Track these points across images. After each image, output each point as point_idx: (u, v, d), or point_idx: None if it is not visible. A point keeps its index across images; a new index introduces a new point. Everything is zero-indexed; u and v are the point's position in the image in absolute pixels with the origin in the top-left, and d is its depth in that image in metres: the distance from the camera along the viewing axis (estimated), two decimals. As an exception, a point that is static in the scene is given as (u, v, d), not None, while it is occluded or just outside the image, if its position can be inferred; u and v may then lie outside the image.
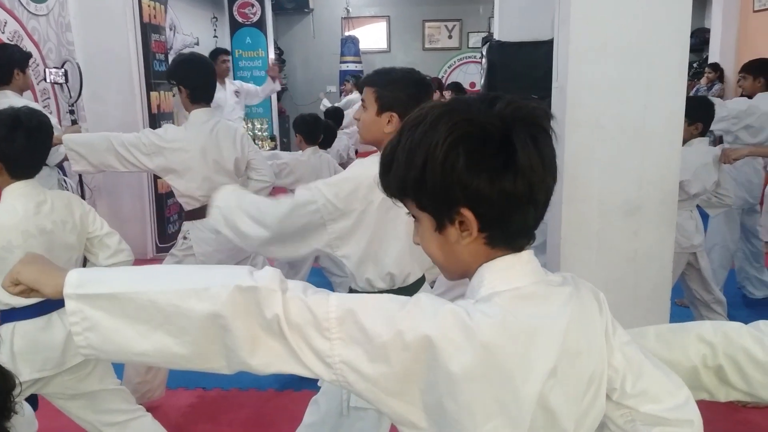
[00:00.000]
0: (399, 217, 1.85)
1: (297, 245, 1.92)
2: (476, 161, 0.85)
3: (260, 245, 1.96)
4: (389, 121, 1.86)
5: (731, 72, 7.85)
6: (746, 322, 1.17)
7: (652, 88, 2.34)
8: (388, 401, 0.87)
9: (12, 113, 1.96)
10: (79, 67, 4.67)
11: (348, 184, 1.83)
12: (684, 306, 3.74)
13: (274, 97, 8.95)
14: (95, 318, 0.91)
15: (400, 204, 0.97)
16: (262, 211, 1.94)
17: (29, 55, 3.87)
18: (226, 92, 5.89)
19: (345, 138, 5.71)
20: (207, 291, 0.88)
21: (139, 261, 2.44)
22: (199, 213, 2.80)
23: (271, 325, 0.88)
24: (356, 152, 6.24)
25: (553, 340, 0.87)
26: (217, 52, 6.15)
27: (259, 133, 8.09)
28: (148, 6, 5.29)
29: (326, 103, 7.56)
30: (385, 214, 1.84)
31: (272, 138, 8.74)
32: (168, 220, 5.62)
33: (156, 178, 5.42)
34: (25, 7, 4.53)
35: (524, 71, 4.89)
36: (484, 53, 5.33)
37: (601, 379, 0.94)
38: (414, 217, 0.96)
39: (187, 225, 2.86)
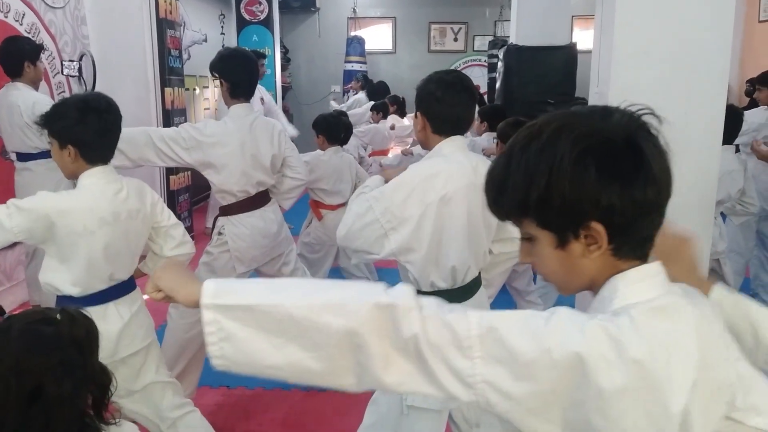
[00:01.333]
0: (455, 216, 1.87)
1: (364, 253, 1.95)
2: (607, 172, 0.84)
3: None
4: (421, 121, 1.98)
5: (735, 82, 7.91)
6: None
7: (693, 95, 2.35)
8: (529, 420, 0.86)
9: (80, 97, 1.97)
10: (93, 60, 4.65)
11: (401, 192, 1.85)
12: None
13: (279, 95, 8.94)
14: (231, 329, 0.90)
15: (512, 225, 0.96)
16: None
17: (40, 48, 3.83)
18: (254, 98, 5.80)
19: (353, 139, 5.68)
20: (344, 307, 0.87)
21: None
22: (235, 208, 2.79)
23: (407, 345, 0.86)
24: (369, 153, 6.23)
25: (691, 353, 0.86)
26: (256, 56, 6.00)
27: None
28: (165, 2, 5.27)
29: (335, 106, 7.54)
30: (441, 214, 1.86)
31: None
32: (179, 217, 5.59)
33: (168, 174, 5.40)
34: (42, 0, 4.50)
35: (540, 76, 4.90)
36: (501, 57, 5.34)
37: (726, 392, 0.92)
38: (527, 237, 0.95)
39: (222, 220, 2.85)
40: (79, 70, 4.67)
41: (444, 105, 1.92)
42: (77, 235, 1.89)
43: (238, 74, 2.77)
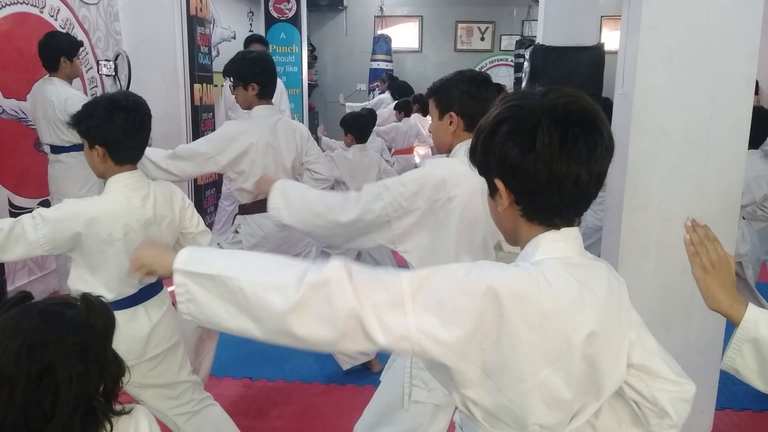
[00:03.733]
0: (463, 218, 1.89)
1: (361, 240, 1.96)
2: (512, 139, 0.99)
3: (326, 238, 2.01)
4: (450, 121, 1.94)
5: (766, 85, 7.75)
6: None
7: (718, 98, 2.34)
8: (460, 363, 0.97)
9: (108, 96, 1.98)
10: (128, 59, 4.75)
11: (414, 184, 1.86)
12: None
13: (305, 93, 9.00)
14: (195, 292, 1.05)
15: None
16: (327, 205, 1.97)
17: (79, 44, 3.90)
18: None
19: (378, 140, 5.69)
20: (286, 289, 0.97)
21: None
22: (253, 208, 2.84)
23: (343, 319, 0.95)
24: (390, 152, 6.25)
25: (597, 304, 1.01)
26: (251, 40, 5.53)
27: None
28: (195, -2, 5.35)
29: (345, 103, 7.50)
30: (448, 214, 1.87)
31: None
32: (205, 211, 5.69)
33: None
34: (77, -4, 4.60)
35: (566, 76, 4.87)
36: (527, 57, 5.32)
37: (626, 346, 1.09)
38: None
39: (239, 219, 2.91)
40: (115, 69, 4.78)
41: (480, 101, 1.92)
42: (104, 243, 1.89)
43: (266, 75, 2.82)
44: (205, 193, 5.72)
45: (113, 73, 4.58)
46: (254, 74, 2.79)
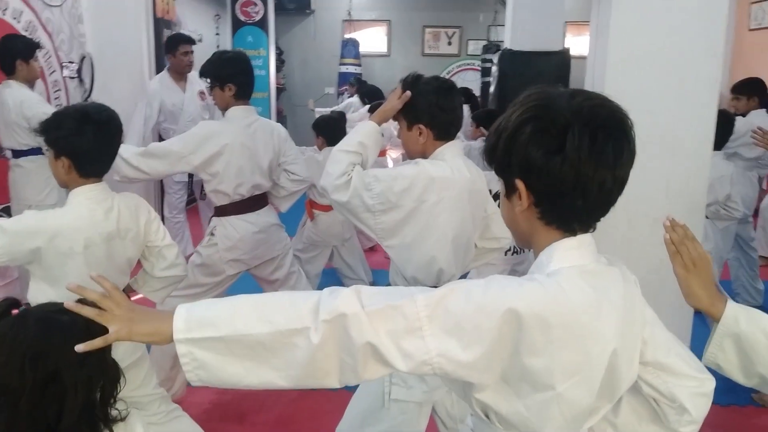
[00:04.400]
0: (448, 220, 1.91)
1: (349, 218, 1.98)
2: (535, 140, 0.97)
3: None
4: (420, 132, 1.94)
5: (725, 89, 7.99)
6: None
7: (684, 100, 2.41)
8: (482, 377, 0.96)
9: (80, 107, 1.93)
10: (92, 63, 4.66)
11: (403, 181, 1.87)
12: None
13: (273, 97, 8.95)
14: (204, 358, 0.98)
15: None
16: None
17: (35, 46, 3.81)
18: (184, 94, 5.02)
19: None
20: (307, 331, 0.95)
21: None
22: (229, 209, 2.82)
23: (362, 349, 0.94)
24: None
25: (615, 312, 1.00)
26: (178, 41, 4.95)
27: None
28: (162, 1, 5.29)
29: (314, 108, 7.47)
30: (436, 216, 1.89)
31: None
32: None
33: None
34: (40, -3, 4.50)
35: (534, 80, 4.91)
36: (496, 61, 5.39)
37: (639, 345, 1.08)
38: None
39: (215, 221, 2.87)
40: (79, 71, 4.69)
41: (446, 111, 1.93)
42: (64, 256, 1.83)
43: (245, 76, 2.80)
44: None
45: (76, 75, 4.48)
46: (231, 75, 2.76)
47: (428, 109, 1.92)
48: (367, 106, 6.51)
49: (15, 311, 1.09)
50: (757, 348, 1.22)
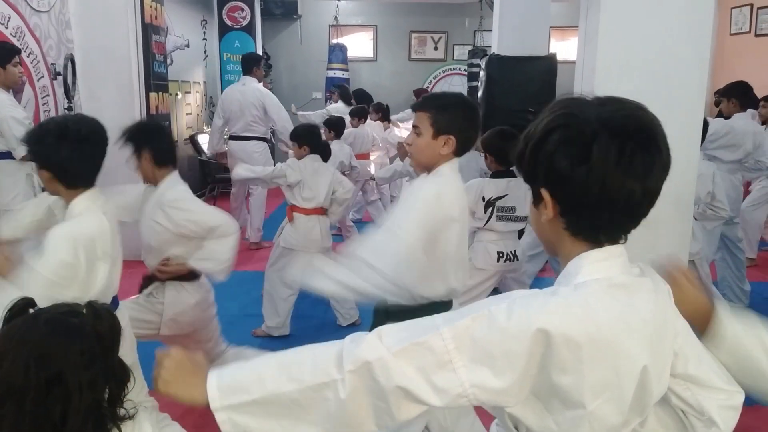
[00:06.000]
0: (455, 236, 1.93)
1: None
2: (563, 150, 0.95)
3: None
4: (445, 143, 1.92)
5: (708, 93, 8.11)
6: None
7: (672, 104, 2.45)
8: (516, 399, 0.95)
9: (60, 121, 1.94)
10: (73, 61, 4.58)
11: (414, 213, 1.88)
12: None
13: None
14: (244, 422, 1.00)
15: None
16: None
17: (14, 51, 3.79)
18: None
19: (347, 147, 5.65)
20: (335, 384, 0.95)
21: (130, 263, 2.41)
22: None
23: (393, 393, 0.94)
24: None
25: (645, 326, 0.97)
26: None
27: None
28: (150, 6, 5.28)
29: (297, 112, 7.46)
30: (442, 232, 1.90)
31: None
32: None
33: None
34: (27, 3, 4.49)
35: (521, 85, 5.01)
36: (483, 66, 5.44)
37: (670, 358, 1.05)
38: None
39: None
40: (63, 70, 4.62)
41: (475, 130, 1.97)
42: (97, 260, 1.87)
43: (165, 142, 2.65)
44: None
45: (60, 74, 4.40)
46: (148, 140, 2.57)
47: (462, 123, 1.92)
48: (348, 109, 6.50)
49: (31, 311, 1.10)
50: (754, 354, 1.18)
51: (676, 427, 1.13)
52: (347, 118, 6.13)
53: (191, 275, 2.60)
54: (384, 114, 7.08)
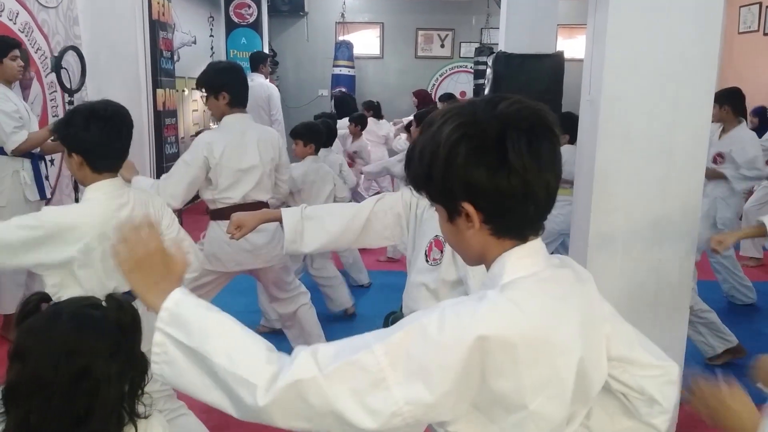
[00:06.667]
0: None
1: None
2: (474, 160, 0.92)
3: None
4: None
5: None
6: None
7: (680, 104, 2.44)
8: (454, 412, 0.94)
9: (87, 104, 1.99)
10: (81, 55, 4.56)
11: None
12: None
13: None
14: (174, 356, 0.97)
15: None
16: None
17: (11, 45, 3.73)
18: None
19: (340, 154, 5.64)
20: (256, 389, 0.91)
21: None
22: (223, 214, 2.84)
23: (320, 413, 0.91)
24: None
25: (575, 317, 0.98)
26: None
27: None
28: (158, 3, 5.29)
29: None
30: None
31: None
32: (166, 140, 5.61)
33: (159, 174, 5.41)
34: (36, -1, 4.50)
35: (528, 83, 4.98)
36: (490, 64, 5.43)
37: (604, 342, 1.07)
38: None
39: (210, 222, 2.95)
40: (57, 65, 4.57)
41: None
42: (83, 253, 1.87)
43: (239, 85, 2.86)
44: (165, 121, 5.60)
45: (52, 71, 4.34)
46: (224, 84, 2.82)
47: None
48: (345, 121, 6.38)
49: (45, 305, 1.11)
50: None
51: (620, 411, 1.14)
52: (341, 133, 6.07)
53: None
54: (376, 111, 7.04)
